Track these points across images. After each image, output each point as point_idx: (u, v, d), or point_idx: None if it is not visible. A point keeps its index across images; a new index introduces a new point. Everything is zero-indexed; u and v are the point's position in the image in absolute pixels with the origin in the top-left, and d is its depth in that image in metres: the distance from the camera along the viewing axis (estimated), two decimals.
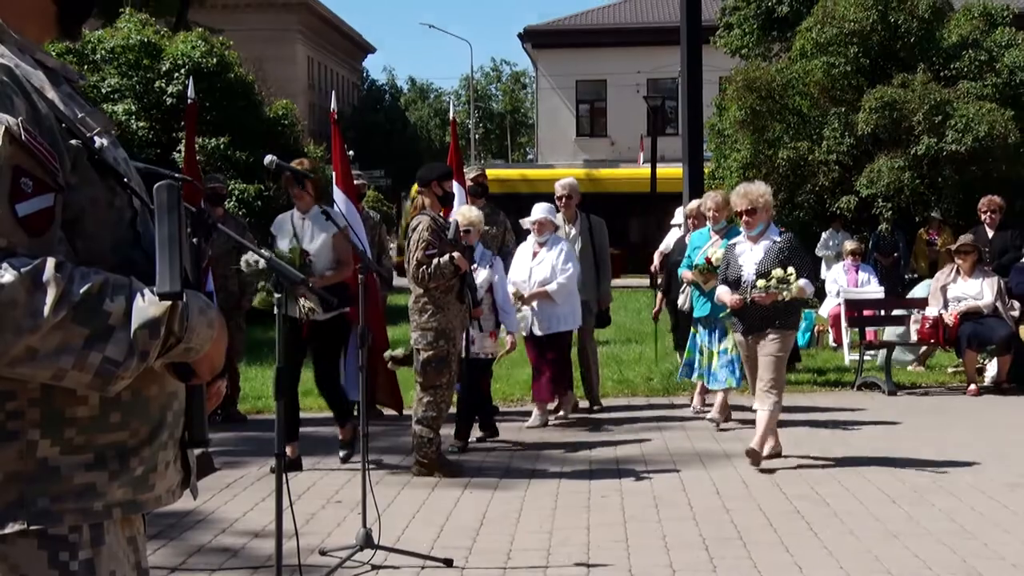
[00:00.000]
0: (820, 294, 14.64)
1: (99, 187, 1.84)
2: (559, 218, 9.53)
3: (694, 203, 11.04)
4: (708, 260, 8.98)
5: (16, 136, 1.68)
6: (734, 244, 7.81)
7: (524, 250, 9.24)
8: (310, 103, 52.62)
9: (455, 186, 8.63)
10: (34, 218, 1.69)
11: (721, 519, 6.07)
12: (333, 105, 9.85)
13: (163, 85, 18.27)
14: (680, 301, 9.77)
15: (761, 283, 7.31)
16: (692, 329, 9.27)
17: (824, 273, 14.77)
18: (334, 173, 9.30)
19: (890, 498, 6.50)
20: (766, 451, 7.45)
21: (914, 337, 11.49)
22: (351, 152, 9.52)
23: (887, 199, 17.90)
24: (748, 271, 7.48)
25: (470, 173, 9.75)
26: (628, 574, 5.15)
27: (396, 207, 43.07)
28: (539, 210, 9.11)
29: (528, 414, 9.28)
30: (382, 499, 6.01)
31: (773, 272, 7.29)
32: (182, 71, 17.97)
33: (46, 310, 1.65)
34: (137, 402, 1.86)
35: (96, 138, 1.85)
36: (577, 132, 41.94)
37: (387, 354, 8.40)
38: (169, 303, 1.75)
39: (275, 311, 3.71)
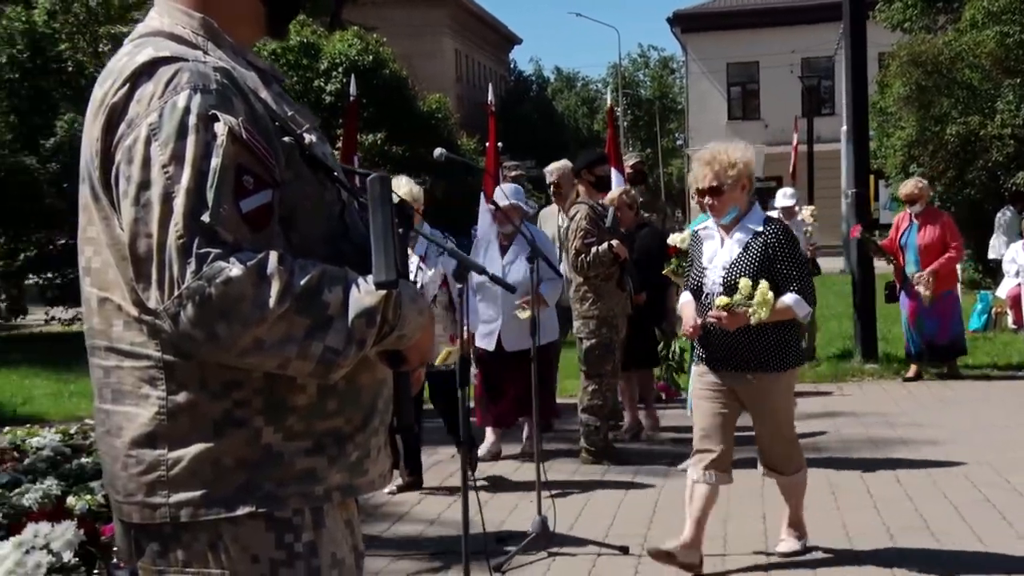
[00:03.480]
0: (995, 274, 14.04)
1: (311, 182, 1.89)
2: (552, 210, 8.33)
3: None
4: (675, 250, 7.08)
5: (238, 135, 1.74)
6: (700, 231, 5.41)
7: (485, 243, 7.34)
8: (459, 96, 53.20)
9: (614, 173, 8.60)
10: (256, 213, 1.76)
11: (904, 508, 5.88)
12: (490, 97, 9.92)
13: (322, 84, 18.79)
14: None
15: (721, 300, 4.87)
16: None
17: (1002, 252, 14.14)
18: (486, 165, 9.37)
19: None
20: (786, 547, 5.24)
21: None
22: (499, 144, 9.55)
23: None
24: (712, 277, 5.05)
25: (629, 160, 9.70)
26: (809, 562, 5.05)
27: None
28: (505, 194, 6.95)
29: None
30: (552, 487, 6.05)
31: (740, 283, 4.86)
32: (339, 69, 18.44)
33: (271, 302, 1.70)
34: (351, 390, 1.91)
35: (306, 135, 1.91)
36: (729, 116, 41.24)
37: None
38: (384, 292, 1.79)
39: (458, 298, 3.75)
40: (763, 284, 4.77)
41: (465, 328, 4.01)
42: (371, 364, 1.92)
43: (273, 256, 1.72)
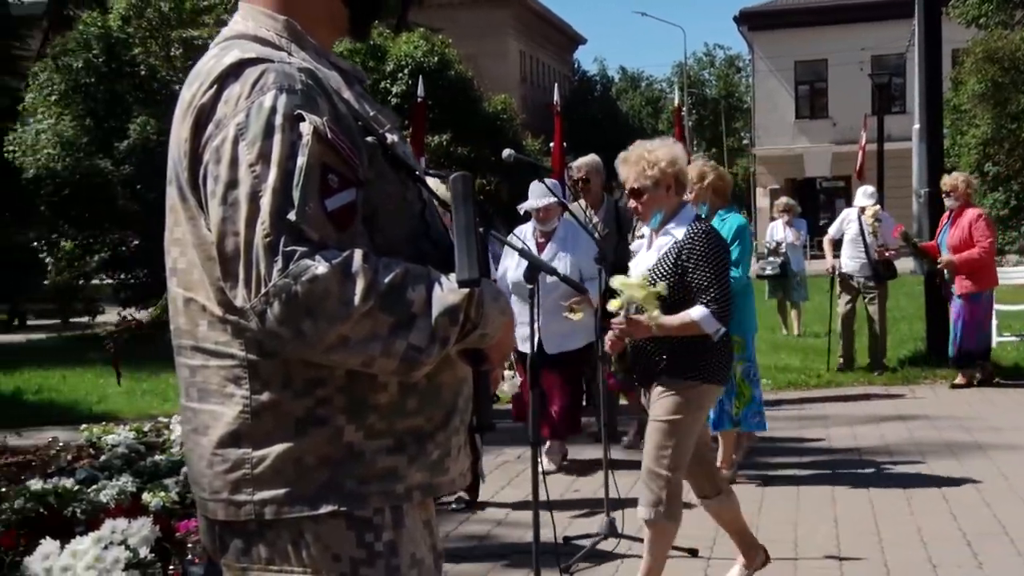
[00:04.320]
0: None
1: (393, 181, 1.90)
2: (581, 204, 7.82)
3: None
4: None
5: (323, 135, 1.76)
6: (639, 237, 4.78)
7: (524, 242, 6.80)
8: (523, 97, 53.24)
9: None
10: (341, 212, 1.77)
11: (982, 514, 5.77)
12: (555, 97, 9.95)
13: (388, 85, 18.94)
14: None
15: (612, 303, 4.37)
16: None
17: None
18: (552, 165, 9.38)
19: None
20: None
21: None
22: (564, 144, 9.56)
23: None
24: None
25: (696, 161, 9.61)
26: (884, 568, 4.97)
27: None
28: (539, 192, 6.78)
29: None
30: (620, 488, 6.01)
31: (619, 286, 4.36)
32: (405, 71, 18.56)
33: (356, 299, 1.71)
34: (432, 388, 1.92)
35: (387, 134, 1.92)
36: (796, 114, 40.83)
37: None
38: (466, 290, 1.80)
39: (531, 300, 3.75)
40: (659, 285, 4.27)
41: (537, 330, 4.00)
42: (452, 363, 1.93)
43: (358, 254, 1.73)
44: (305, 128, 1.75)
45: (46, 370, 12.70)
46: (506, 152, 5.54)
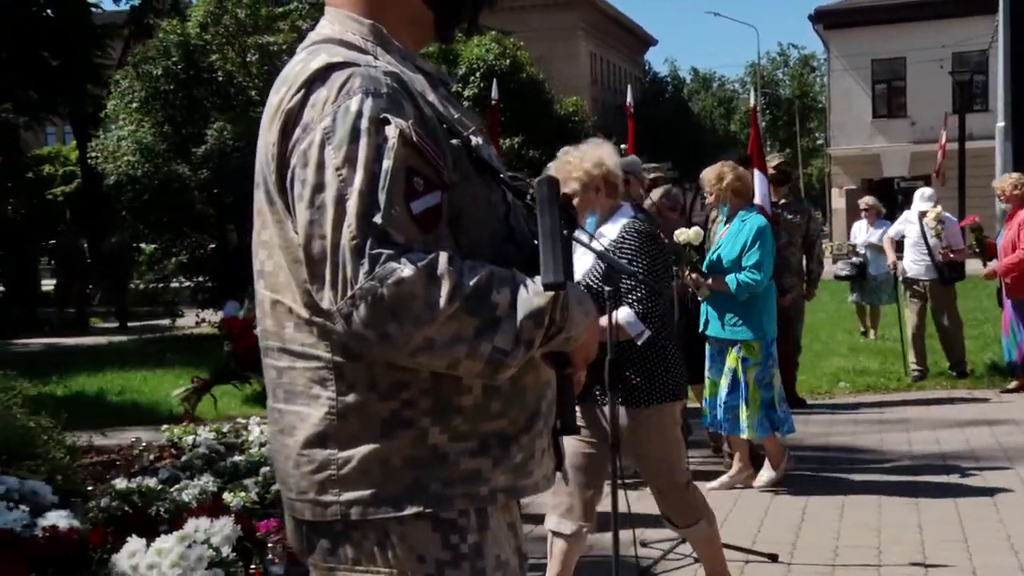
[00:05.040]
0: None
1: (477, 184, 1.90)
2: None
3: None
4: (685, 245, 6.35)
5: (408, 138, 1.76)
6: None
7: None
8: (593, 98, 53.16)
9: (757, 174, 8.44)
10: (426, 215, 1.77)
11: None
12: (628, 99, 9.90)
13: (459, 88, 18.98)
14: None
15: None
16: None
17: None
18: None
19: None
20: None
21: None
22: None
23: None
24: None
25: (772, 161, 9.51)
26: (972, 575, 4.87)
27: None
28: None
29: (837, 408, 8.89)
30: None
31: None
32: (477, 74, 18.62)
33: (442, 302, 1.72)
34: (516, 391, 1.91)
35: (472, 137, 1.92)
36: (873, 114, 40.13)
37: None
38: (551, 293, 1.79)
39: (608, 302, 3.73)
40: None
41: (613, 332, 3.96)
42: (536, 365, 1.92)
43: (443, 257, 1.73)
44: (391, 131, 1.75)
45: (128, 372, 12.96)
46: None
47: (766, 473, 6.59)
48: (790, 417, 6.55)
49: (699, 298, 6.53)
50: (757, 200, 8.02)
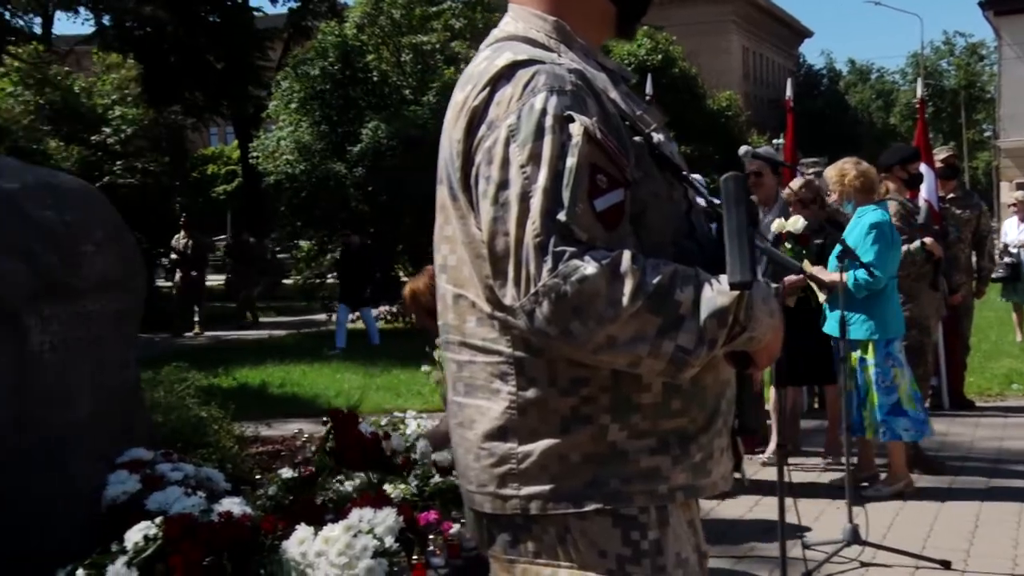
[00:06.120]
0: None
1: (659, 181, 1.89)
2: (753, 200, 7.07)
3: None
4: (787, 236, 6.31)
5: (592, 135, 1.76)
6: None
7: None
8: (745, 93, 52.26)
9: (924, 168, 8.17)
10: (609, 212, 1.77)
11: None
12: (788, 92, 9.73)
13: None
14: None
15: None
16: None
17: None
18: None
19: None
20: None
21: None
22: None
23: None
24: None
25: (940, 154, 9.18)
26: None
27: None
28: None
29: (1010, 411, 8.52)
30: (860, 494, 5.81)
31: None
32: (629, 69, 18.53)
33: (624, 300, 1.71)
34: (695, 389, 1.89)
35: (654, 134, 1.91)
36: None
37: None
38: (736, 292, 1.76)
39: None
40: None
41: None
42: (717, 364, 1.90)
43: (627, 255, 1.73)
44: (575, 129, 1.76)
45: (288, 365, 13.36)
46: (743, 149, 5.44)
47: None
48: (923, 422, 6.23)
49: (820, 298, 6.30)
50: (923, 195, 7.80)
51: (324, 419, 7.05)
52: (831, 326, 6.19)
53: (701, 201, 1.99)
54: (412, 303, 4.20)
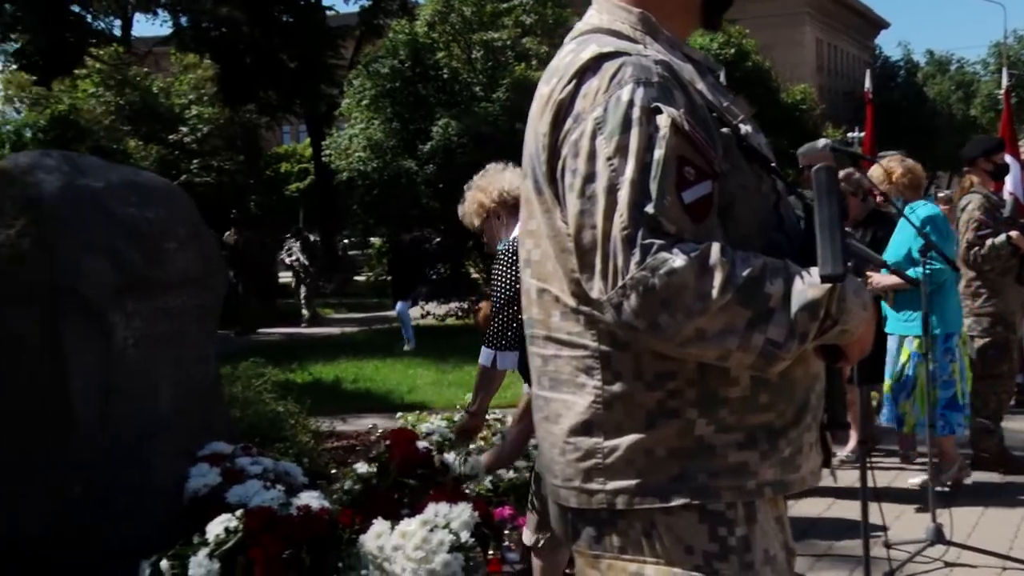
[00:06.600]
0: None
1: (747, 173, 1.86)
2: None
3: None
4: None
5: (680, 127, 1.74)
6: None
7: None
8: (820, 85, 51.55)
9: (1009, 159, 7.98)
10: (697, 205, 1.75)
11: None
12: (867, 85, 9.59)
13: None
14: None
15: None
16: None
17: None
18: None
19: None
20: None
21: None
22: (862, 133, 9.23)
23: None
24: None
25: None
26: None
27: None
28: None
29: None
30: (940, 493, 5.69)
31: None
32: None
33: (714, 292, 1.69)
34: (784, 383, 1.86)
35: (741, 125, 1.89)
36: None
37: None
38: (827, 285, 1.73)
39: None
40: None
41: None
42: (806, 358, 1.86)
43: (715, 247, 1.71)
44: (662, 121, 1.74)
45: (360, 361, 13.48)
46: (822, 142, 5.34)
47: (920, 476, 6.25)
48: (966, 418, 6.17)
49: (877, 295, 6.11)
50: (1008, 188, 7.63)
51: (398, 414, 7.12)
52: (894, 325, 6.11)
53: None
54: (485, 325, 4.23)
